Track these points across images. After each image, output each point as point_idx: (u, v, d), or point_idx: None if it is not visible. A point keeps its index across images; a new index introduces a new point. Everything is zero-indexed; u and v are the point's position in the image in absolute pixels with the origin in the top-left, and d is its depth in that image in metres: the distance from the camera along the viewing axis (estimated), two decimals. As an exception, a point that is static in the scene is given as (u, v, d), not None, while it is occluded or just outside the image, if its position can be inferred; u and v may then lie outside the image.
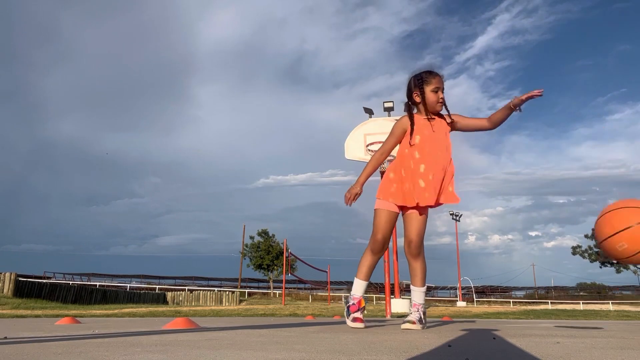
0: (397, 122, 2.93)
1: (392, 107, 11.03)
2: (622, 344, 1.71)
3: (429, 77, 2.79)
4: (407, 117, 2.87)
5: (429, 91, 2.77)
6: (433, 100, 2.77)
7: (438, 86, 2.77)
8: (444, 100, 2.79)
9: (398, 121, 2.93)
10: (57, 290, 19.03)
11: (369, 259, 2.92)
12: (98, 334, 2.45)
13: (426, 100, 2.78)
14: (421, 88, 2.78)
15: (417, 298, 2.88)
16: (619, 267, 40.64)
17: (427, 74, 2.81)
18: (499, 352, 1.45)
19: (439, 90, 2.77)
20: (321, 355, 1.31)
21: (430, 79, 2.78)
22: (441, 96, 2.78)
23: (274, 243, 37.41)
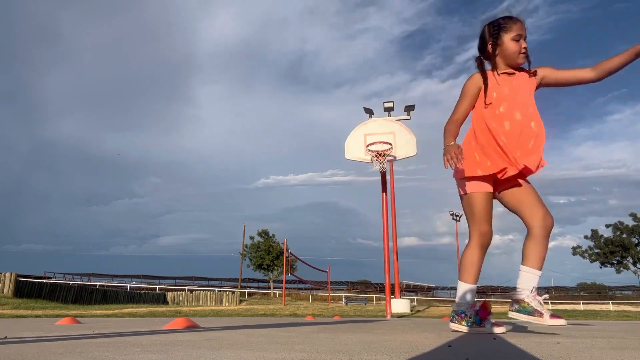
0: (468, 81, 2.44)
1: (392, 107, 11.04)
2: (622, 344, 1.71)
3: (508, 23, 2.34)
4: (478, 74, 2.41)
5: (508, 40, 2.33)
6: (514, 50, 2.32)
7: (520, 33, 2.32)
8: (527, 50, 2.34)
9: (469, 79, 2.45)
10: (57, 290, 19.02)
11: (478, 255, 2.40)
12: (98, 334, 2.45)
13: (505, 50, 2.34)
14: (498, 37, 2.34)
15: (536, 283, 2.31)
16: (619, 267, 40.65)
17: (505, 20, 2.35)
18: (499, 352, 1.45)
19: (521, 38, 2.32)
20: (321, 355, 1.31)
21: (510, 25, 2.33)
22: (524, 45, 2.33)
23: (274, 243, 37.42)
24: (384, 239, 10.63)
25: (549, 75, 2.38)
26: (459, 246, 35.90)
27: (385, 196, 10.91)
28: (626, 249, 39.77)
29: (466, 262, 2.40)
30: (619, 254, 40.17)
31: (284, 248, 20.78)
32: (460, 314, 2.41)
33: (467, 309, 2.38)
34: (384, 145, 10.37)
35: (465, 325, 2.39)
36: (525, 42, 2.35)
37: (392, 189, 14.32)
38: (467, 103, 2.42)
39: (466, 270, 2.40)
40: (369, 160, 10.50)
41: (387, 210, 10.90)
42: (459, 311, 2.42)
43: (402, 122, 10.80)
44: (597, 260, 41.24)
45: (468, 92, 2.41)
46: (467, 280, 2.39)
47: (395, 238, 14.72)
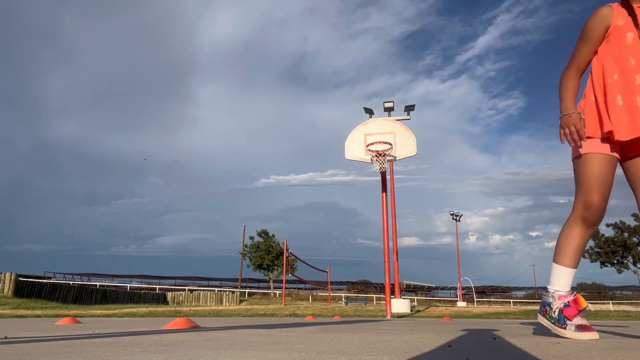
0: (591, 18, 1.92)
1: (392, 107, 11.04)
2: (622, 344, 1.71)
3: None
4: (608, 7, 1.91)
5: None
6: None
7: None
8: None
9: (592, 16, 1.92)
10: (58, 290, 19.03)
11: (579, 233, 1.96)
12: (98, 334, 2.45)
13: None
14: None
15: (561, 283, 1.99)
16: (619, 267, 40.64)
17: None
18: (499, 352, 1.45)
19: None
20: (321, 355, 1.31)
21: None
22: None
23: (274, 243, 37.43)
24: (384, 238, 10.63)
25: None
26: (459, 246, 35.88)
27: (385, 196, 10.91)
28: (627, 249, 39.76)
29: (561, 240, 2.00)
30: (619, 253, 40.16)
31: (284, 248, 20.78)
32: (546, 305, 2.03)
33: (555, 300, 1.99)
34: (384, 145, 10.38)
35: (548, 321, 2.01)
36: None
37: (392, 189, 14.32)
38: (588, 48, 1.95)
39: (560, 249, 1.99)
40: (369, 160, 10.50)
41: (387, 210, 10.90)
42: (546, 302, 2.04)
43: (402, 122, 10.81)
44: (597, 260, 41.22)
45: (591, 33, 1.93)
46: (561, 262, 1.99)
47: (395, 238, 14.73)
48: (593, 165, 1.90)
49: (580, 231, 1.97)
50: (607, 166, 1.90)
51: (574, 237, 1.98)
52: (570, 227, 1.98)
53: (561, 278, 1.98)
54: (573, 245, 1.97)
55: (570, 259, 1.97)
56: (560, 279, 1.98)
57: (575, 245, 1.97)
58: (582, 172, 1.93)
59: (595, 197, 1.90)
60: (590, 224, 1.95)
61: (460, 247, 35.91)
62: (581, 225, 1.96)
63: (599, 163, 1.90)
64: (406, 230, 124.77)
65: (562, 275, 1.98)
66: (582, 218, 1.95)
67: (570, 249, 1.97)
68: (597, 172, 1.90)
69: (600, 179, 1.90)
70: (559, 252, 2.00)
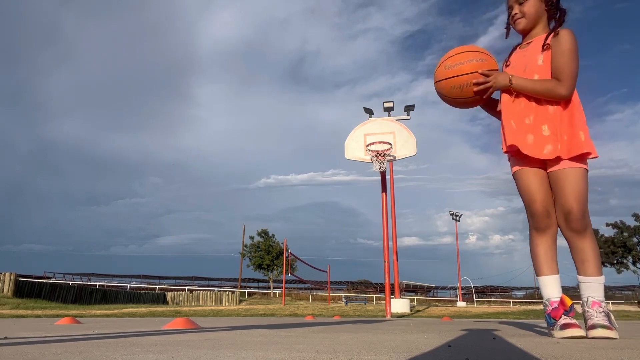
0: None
1: (392, 107, 11.04)
2: (622, 344, 1.71)
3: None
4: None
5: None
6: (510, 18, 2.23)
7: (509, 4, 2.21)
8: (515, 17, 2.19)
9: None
10: (57, 290, 19.02)
11: (538, 241, 2.13)
12: (98, 334, 2.45)
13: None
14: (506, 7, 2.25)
15: (595, 292, 1.99)
16: (619, 267, 40.60)
17: None
18: (499, 352, 1.45)
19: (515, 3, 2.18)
20: (321, 355, 1.31)
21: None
22: (513, 12, 2.19)
23: (273, 243, 37.42)
24: (384, 238, 10.63)
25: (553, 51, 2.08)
26: (458, 246, 35.89)
27: (385, 196, 10.91)
28: (627, 249, 39.73)
29: (531, 254, 2.16)
30: (619, 253, 40.13)
31: (284, 248, 20.79)
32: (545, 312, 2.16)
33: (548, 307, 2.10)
34: (384, 145, 10.37)
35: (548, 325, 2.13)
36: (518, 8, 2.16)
37: (392, 189, 14.32)
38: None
39: (534, 262, 2.16)
40: (369, 160, 10.50)
41: (387, 210, 10.90)
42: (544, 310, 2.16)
43: (401, 122, 10.80)
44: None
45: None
46: (538, 273, 2.14)
47: (395, 238, 14.73)
48: (523, 180, 2.14)
49: (537, 239, 2.14)
50: (535, 177, 2.11)
51: (535, 246, 2.15)
52: (531, 239, 2.17)
53: (545, 287, 2.12)
54: (539, 254, 2.13)
55: (544, 268, 2.12)
56: (545, 288, 2.12)
57: (540, 253, 2.13)
58: (519, 187, 2.17)
59: (535, 206, 2.10)
60: (541, 230, 2.11)
61: (460, 247, 35.95)
62: (535, 233, 2.14)
63: (527, 176, 2.13)
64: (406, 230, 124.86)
65: (546, 284, 2.12)
66: (533, 227, 2.14)
67: (539, 259, 2.13)
68: (528, 184, 2.12)
69: (534, 189, 2.10)
70: (534, 265, 2.17)
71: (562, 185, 2.02)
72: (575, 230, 2.00)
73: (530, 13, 2.15)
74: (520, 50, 2.22)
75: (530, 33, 2.20)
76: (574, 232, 2.01)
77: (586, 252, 2.01)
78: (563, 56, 2.03)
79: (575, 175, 2.01)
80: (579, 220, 1.99)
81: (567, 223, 2.01)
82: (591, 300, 1.98)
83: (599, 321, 1.92)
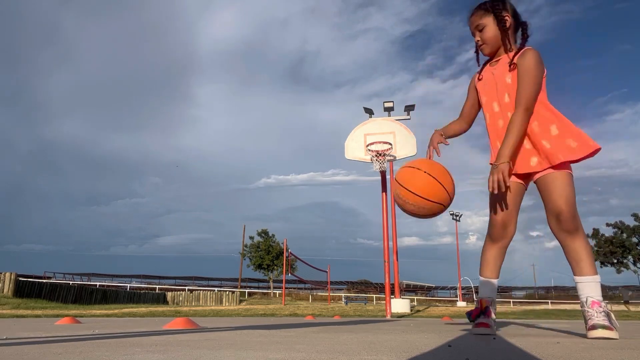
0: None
1: (392, 107, 11.04)
2: (622, 344, 1.71)
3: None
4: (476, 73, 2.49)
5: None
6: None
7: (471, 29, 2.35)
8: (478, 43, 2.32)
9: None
10: (57, 290, 19.03)
11: (487, 248, 2.31)
12: (98, 334, 2.45)
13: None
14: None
15: (594, 292, 2.02)
16: (619, 267, 40.59)
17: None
18: (499, 352, 1.45)
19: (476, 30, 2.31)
20: (321, 355, 1.31)
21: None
22: (476, 39, 2.32)
23: (273, 243, 37.42)
24: (384, 238, 10.62)
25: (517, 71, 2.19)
26: (459, 246, 35.89)
27: (385, 196, 10.90)
28: (627, 249, 39.72)
29: (480, 255, 2.34)
30: (619, 253, 40.12)
31: (284, 248, 20.79)
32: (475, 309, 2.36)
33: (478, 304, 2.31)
34: (384, 145, 10.37)
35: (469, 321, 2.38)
36: (479, 35, 2.28)
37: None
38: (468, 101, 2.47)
39: (480, 263, 2.34)
40: (369, 160, 10.49)
41: (387, 210, 10.90)
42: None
43: (402, 122, 10.80)
44: (597, 260, 41.18)
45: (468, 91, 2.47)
46: (480, 274, 2.33)
47: (395, 238, 14.71)
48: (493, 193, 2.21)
49: (489, 245, 2.30)
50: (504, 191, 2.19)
51: (486, 250, 2.31)
52: (484, 243, 2.33)
53: (483, 287, 2.31)
54: (486, 258, 2.30)
55: (486, 271, 2.29)
56: (482, 288, 2.32)
57: (488, 258, 2.30)
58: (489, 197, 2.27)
59: (495, 217, 2.24)
60: (495, 239, 2.27)
61: (460, 247, 35.95)
62: (489, 240, 2.30)
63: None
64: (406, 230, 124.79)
65: (482, 285, 2.31)
66: (489, 234, 2.29)
67: (485, 262, 2.30)
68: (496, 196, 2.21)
69: (500, 203, 2.22)
70: (480, 266, 2.34)
71: (551, 190, 2.09)
72: (567, 231, 2.06)
73: (490, 39, 2.27)
74: (490, 67, 2.33)
75: (498, 51, 2.31)
76: (566, 233, 2.07)
77: (579, 252, 2.06)
78: (523, 78, 2.14)
79: (562, 178, 2.08)
80: (569, 220, 2.04)
81: (559, 224, 2.07)
82: (590, 300, 2.01)
83: (599, 321, 1.94)
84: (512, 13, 2.26)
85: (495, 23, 2.24)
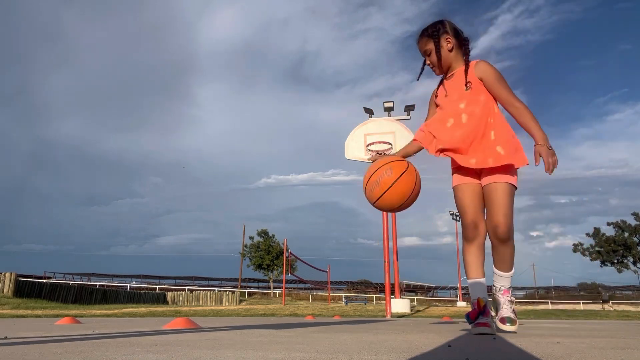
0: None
1: (392, 107, 11.03)
2: (622, 344, 1.71)
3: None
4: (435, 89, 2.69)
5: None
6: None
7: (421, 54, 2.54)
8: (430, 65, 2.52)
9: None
10: (57, 290, 19.02)
11: (467, 249, 2.44)
12: (98, 334, 2.45)
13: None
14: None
15: (506, 283, 2.44)
16: (619, 267, 40.55)
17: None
18: (499, 352, 1.45)
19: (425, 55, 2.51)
20: (321, 355, 1.31)
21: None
22: (427, 62, 2.52)
23: (273, 243, 37.41)
24: (384, 238, 10.63)
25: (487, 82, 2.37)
26: (458, 246, 35.88)
27: (385, 196, 10.90)
28: (628, 249, 39.69)
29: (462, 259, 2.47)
30: (619, 253, 40.09)
31: (284, 248, 20.79)
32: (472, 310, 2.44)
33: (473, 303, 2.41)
34: (384, 145, 10.37)
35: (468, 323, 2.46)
36: (430, 58, 2.46)
37: (392, 188, 14.25)
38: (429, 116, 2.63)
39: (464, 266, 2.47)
40: (369, 160, 10.49)
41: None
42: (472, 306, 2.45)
43: (402, 122, 10.80)
44: (597, 259, 41.13)
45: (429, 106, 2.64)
46: (467, 277, 2.45)
47: (395, 238, 14.71)
48: (459, 195, 2.43)
49: (466, 247, 2.42)
50: (470, 192, 2.39)
51: (466, 253, 2.43)
52: (462, 246, 2.46)
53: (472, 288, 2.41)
54: (468, 260, 2.42)
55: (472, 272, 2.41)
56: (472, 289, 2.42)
57: (469, 260, 2.41)
58: (455, 201, 2.46)
59: (465, 218, 2.40)
60: (469, 239, 2.40)
61: (460, 247, 35.88)
62: (465, 242, 2.43)
63: (462, 192, 2.42)
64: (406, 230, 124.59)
65: (471, 286, 2.42)
66: (464, 236, 2.43)
67: (468, 264, 2.42)
68: (462, 199, 2.41)
69: (466, 204, 2.39)
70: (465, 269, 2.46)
71: (492, 201, 2.32)
72: (501, 240, 2.33)
73: (435, 61, 2.46)
74: (448, 81, 2.49)
75: (451, 67, 2.48)
76: (500, 241, 2.34)
77: (505, 256, 2.38)
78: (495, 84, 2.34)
79: (502, 191, 2.29)
80: (505, 232, 2.30)
81: (495, 234, 2.32)
82: (503, 288, 2.42)
83: (507, 314, 2.35)
84: (454, 33, 2.43)
85: (439, 47, 2.42)
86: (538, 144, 2.19)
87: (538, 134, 2.20)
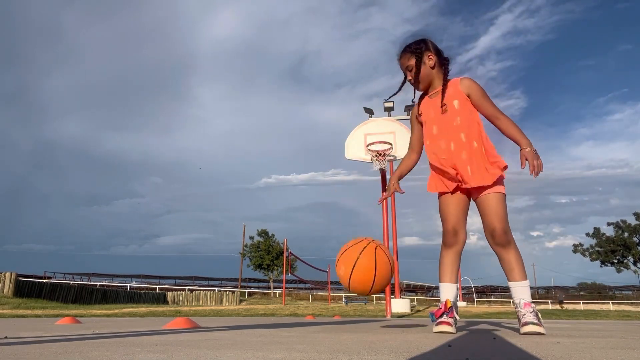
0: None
1: (392, 107, 11.03)
2: (622, 344, 1.71)
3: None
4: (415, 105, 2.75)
5: None
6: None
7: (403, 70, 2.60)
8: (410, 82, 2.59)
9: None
10: (58, 290, 19.03)
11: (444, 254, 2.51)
12: (98, 334, 2.45)
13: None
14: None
15: (525, 295, 2.34)
16: (619, 267, 40.55)
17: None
18: (499, 352, 1.45)
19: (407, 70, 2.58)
20: (321, 355, 1.31)
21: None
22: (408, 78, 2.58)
23: (273, 243, 37.42)
24: (384, 238, 10.62)
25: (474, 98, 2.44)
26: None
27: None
28: (628, 249, 39.67)
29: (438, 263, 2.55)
30: (620, 253, 40.07)
31: (284, 248, 20.79)
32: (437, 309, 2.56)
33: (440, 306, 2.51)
34: (384, 145, 10.36)
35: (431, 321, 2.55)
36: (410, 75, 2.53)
37: (392, 188, 14.25)
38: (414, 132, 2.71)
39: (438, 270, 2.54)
40: (369, 160, 10.49)
41: (387, 210, 10.89)
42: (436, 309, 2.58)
43: (402, 122, 10.79)
44: (597, 259, 41.12)
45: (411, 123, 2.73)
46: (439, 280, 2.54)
47: (395, 238, 14.70)
48: (442, 204, 2.50)
49: (444, 252, 2.50)
50: (452, 202, 2.46)
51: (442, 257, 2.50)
52: (440, 251, 2.53)
53: (443, 292, 2.48)
54: (443, 264, 2.49)
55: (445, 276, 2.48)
56: (442, 293, 2.49)
57: (445, 264, 2.49)
58: (439, 208, 2.52)
59: (446, 225, 2.47)
60: (448, 246, 2.48)
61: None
62: (443, 247, 2.50)
63: (446, 201, 2.48)
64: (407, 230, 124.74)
65: (444, 290, 2.48)
66: (443, 242, 2.50)
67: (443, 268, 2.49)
68: (445, 207, 2.48)
69: (449, 212, 2.46)
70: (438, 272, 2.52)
71: (486, 209, 2.38)
72: (500, 245, 2.36)
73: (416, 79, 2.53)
74: (430, 99, 2.55)
75: (432, 85, 2.55)
76: (499, 246, 2.36)
77: (511, 262, 2.36)
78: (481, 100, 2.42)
79: (495, 199, 2.36)
80: (502, 236, 2.33)
81: (493, 239, 2.36)
82: (523, 302, 2.32)
83: (530, 319, 2.26)
84: (436, 52, 2.50)
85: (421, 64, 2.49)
86: (523, 149, 2.30)
87: (523, 140, 2.32)
